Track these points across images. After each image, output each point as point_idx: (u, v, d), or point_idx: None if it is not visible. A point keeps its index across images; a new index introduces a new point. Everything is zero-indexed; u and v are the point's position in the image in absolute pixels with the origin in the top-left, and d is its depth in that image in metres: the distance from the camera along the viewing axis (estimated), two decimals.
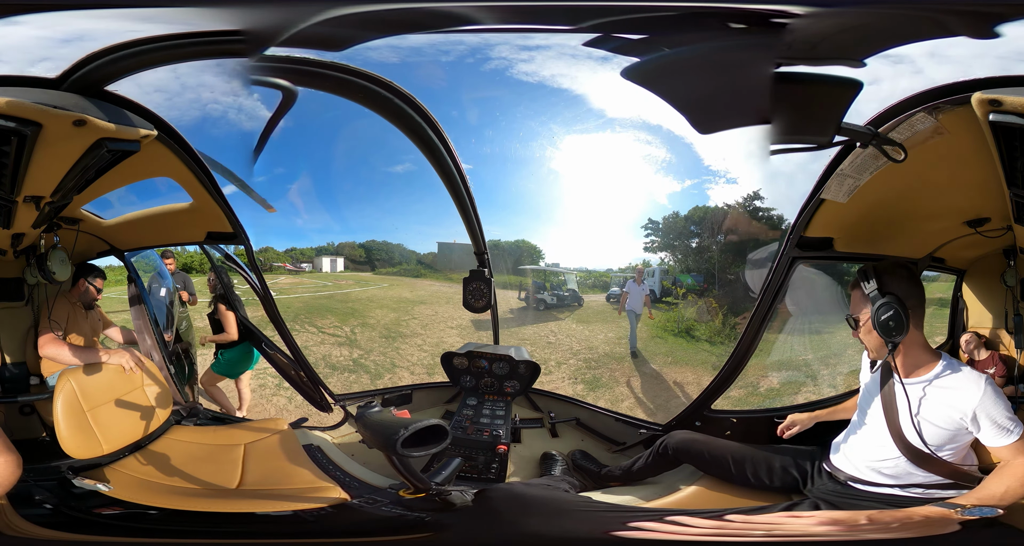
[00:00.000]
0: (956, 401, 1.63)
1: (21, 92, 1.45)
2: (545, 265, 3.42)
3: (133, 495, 1.88)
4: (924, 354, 1.69)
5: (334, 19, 1.65)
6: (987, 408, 1.59)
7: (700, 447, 1.97)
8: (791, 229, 2.05)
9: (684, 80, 1.63)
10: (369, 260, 3.64)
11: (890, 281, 1.65)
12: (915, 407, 1.65)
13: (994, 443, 1.60)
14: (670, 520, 1.61)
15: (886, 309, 1.62)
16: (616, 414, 2.69)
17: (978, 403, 1.59)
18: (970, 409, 1.60)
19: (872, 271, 1.69)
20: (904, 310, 1.62)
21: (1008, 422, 1.59)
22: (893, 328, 1.62)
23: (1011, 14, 1.49)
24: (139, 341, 2.54)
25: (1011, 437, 1.59)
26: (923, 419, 1.65)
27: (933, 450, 1.64)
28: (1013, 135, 1.37)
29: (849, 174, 1.81)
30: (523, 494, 1.79)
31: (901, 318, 1.61)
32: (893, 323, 1.62)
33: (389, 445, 1.53)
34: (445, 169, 2.27)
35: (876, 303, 1.64)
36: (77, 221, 2.23)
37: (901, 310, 1.61)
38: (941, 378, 1.66)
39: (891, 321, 1.62)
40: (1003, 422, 1.59)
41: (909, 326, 1.63)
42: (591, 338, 3.46)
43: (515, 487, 1.88)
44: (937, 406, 1.65)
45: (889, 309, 1.62)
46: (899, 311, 1.61)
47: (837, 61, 1.55)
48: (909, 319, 1.63)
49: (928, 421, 1.65)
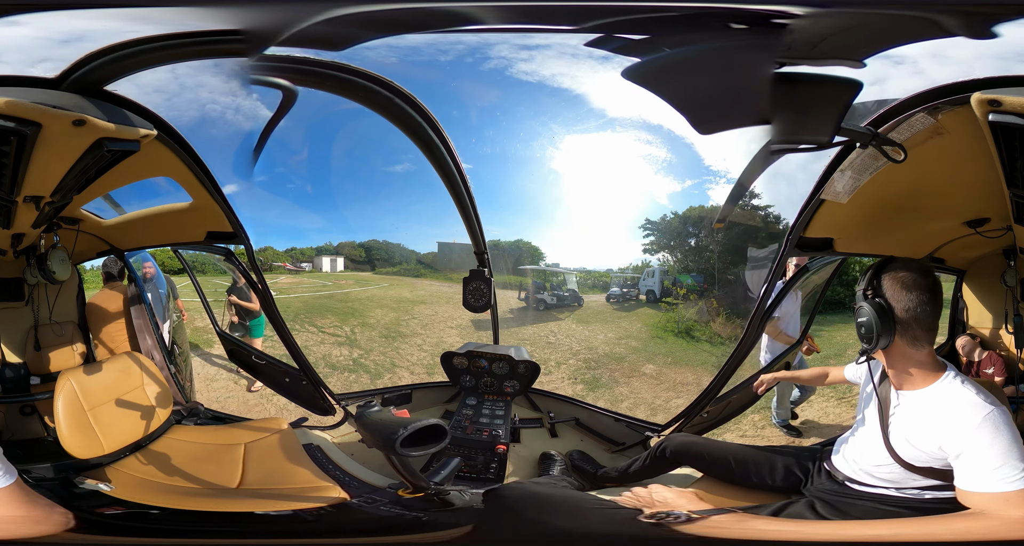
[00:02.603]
0: (941, 428, 1.42)
1: (20, 92, 1.45)
2: (545, 265, 3.42)
3: (134, 495, 1.88)
4: (919, 369, 1.49)
5: (334, 19, 1.65)
6: (977, 445, 1.35)
7: (700, 449, 1.96)
8: (791, 229, 2.05)
9: (685, 80, 1.63)
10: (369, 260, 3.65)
11: (885, 284, 1.46)
12: (902, 420, 1.52)
13: (977, 488, 1.36)
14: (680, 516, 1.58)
15: (860, 314, 1.46)
16: (615, 414, 2.69)
17: (965, 437, 1.37)
18: (953, 442, 1.39)
19: (872, 269, 1.51)
20: (885, 319, 1.42)
21: (1010, 469, 1.33)
22: (864, 336, 1.45)
23: (1010, 14, 1.49)
24: (139, 341, 2.54)
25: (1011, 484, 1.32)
26: (906, 436, 1.50)
27: (924, 465, 1.49)
28: (1013, 135, 1.37)
29: (849, 174, 1.81)
30: (536, 493, 1.78)
31: (874, 327, 1.42)
32: (864, 330, 1.45)
33: (388, 445, 1.53)
34: (445, 169, 2.27)
35: (857, 303, 1.49)
36: (77, 221, 2.23)
37: (877, 318, 1.42)
38: (935, 396, 1.47)
39: (863, 327, 1.45)
40: (994, 464, 1.33)
41: (893, 337, 1.44)
42: (591, 338, 3.46)
43: (527, 486, 1.87)
44: (921, 427, 1.47)
45: (863, 315, 1.45)
46: (874, 319, 1.42)
47: (837, 61, 1.55)
48: (894, 329, 1.43)
49: (909, 441, 1.49)
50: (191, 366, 2.75)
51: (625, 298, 3.32)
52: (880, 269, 1.49)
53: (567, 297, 3.54)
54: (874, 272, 1.50)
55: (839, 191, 1.86)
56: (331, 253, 3.58)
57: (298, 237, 3.23)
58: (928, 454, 1.48)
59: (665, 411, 2.89)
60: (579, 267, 3.41)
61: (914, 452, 1.50)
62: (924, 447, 1.48)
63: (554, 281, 3.56)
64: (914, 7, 1.53)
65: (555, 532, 1.62)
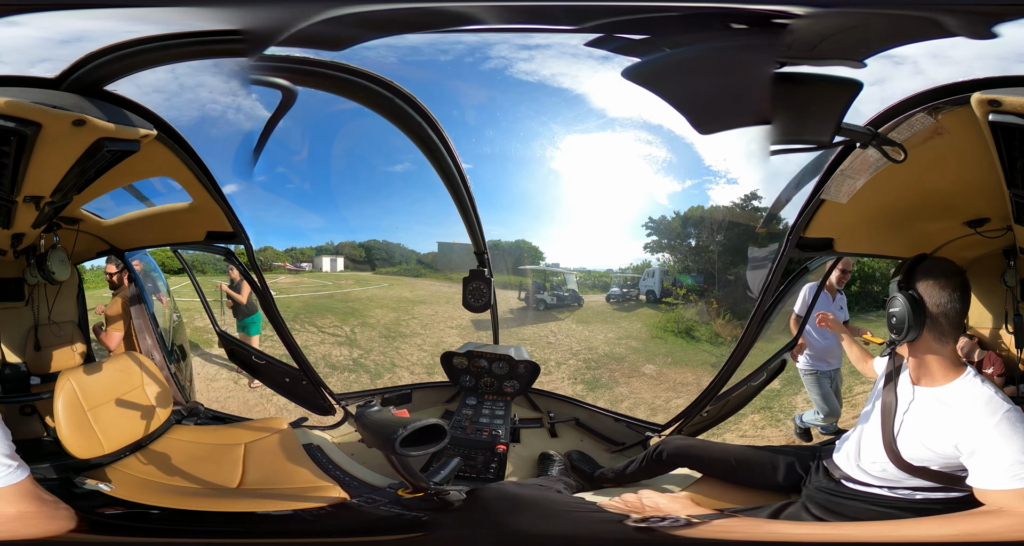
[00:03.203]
0: (958, 424, 1.43)
1: (20, 92, 1.45)
2: (545, 265, 3.42)
3: (134, 495, 1.88)
4: (941, 365, 1.53)
5: (334, 19, 1.65)
6: (995, 442, 1.36)
7: (698, 451, 1.96)
8: (791, 229, 2.05)
9: (685, 80, 1.62)
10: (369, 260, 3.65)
11: (919, 279, 1.52)
12: (916, 416, 1.53)
13: (995, 485, 1.36)
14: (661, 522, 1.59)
15: (893, 305, 1.54)
16: (615, 414, 2.69)
17: (983, 434, 1.38)
18: (969, 439, 1.40)
19: (906, 263, 1.58)
20: (916, 312, 1.49)
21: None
22: (894, 326, 1.53)
23: (1010, 14, 1.49)
24: (139, 341, 2.54)
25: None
26: (918, 434, 1.52)
27: (921, 465, 1.51)
28: (1013, 135, 1.37)
29: (849, 174, 1.80)
30: (513, 494, 1.78)
31: (906, 319, 1.49)
32: (895, 321, 1.52)
33: (388, 444, 1.53)
34: (445, 169, 2.26)
35: (891, 295, 1.56)
36: (77, 221, 2.23)
37: (910, 310, 1.49)
38: (954, 393, 1.49)
39: (894, 317, 1.53)
40: (1010, 460, 1.35)
41: (922, 330, 1.50)
42: (591, 338, 3.46)
43: (506, 486, 1.88)
44: (936, 423, 1.49)
45: (896, 306, 1.53)
46: (907, 311, 1.49)
47: (837, 62, 1.54)
48: (923, 323, 1.49)
49: (920, 439, 1.51)
50: (191, 366, 2.75)
51: (625, 298, 3.32)
52: (916, 263, 1.56)
53: (567, 297, 3.54)
54: (910, 266, 1.56)
55: (839, 191, 1.86)
56: (331, 253, 3.59)
57: (298, 237, 3.24)
58: (938, 453, 1.48)
59: (665, 411, 2.89)
60: (579, 267, 3.41)
61: (922, 451, 1.50)
62: (936, 445, 1.48)
63: (554, 281, 3.56)
64: (914, 7, 1.52)
65: (528, 534, 1.62)
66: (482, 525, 1.68)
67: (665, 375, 3.08)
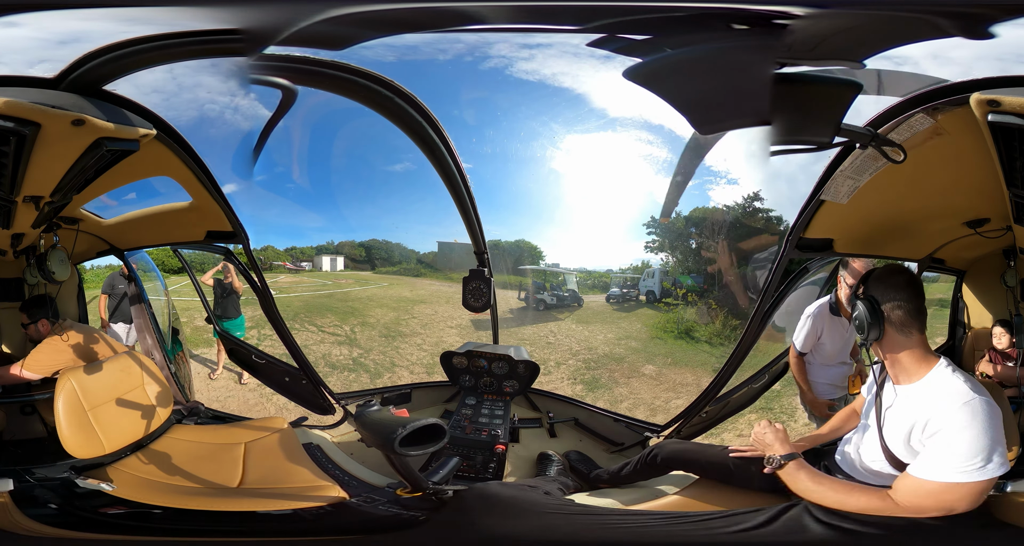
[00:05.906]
0: (924, 414, 1.49)
1: (19, 92, 1.45)
2: (545, 265, 3.42)
3: (135, 494, 1.88)
4: (912, 359, 1.59)
5: (333, 18, 1.65)
6: (948, 429, 1.42)
7: (694, 455, 1.96)
8: (791, 230, 2.05)
9: (686, 81, 1.62)
10: (369, 259, 3.65)
11: (872, 284, 1.64)
12: (896, 417, 1.58)
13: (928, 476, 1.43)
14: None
15: (855, 310, 1.66)
16: (615, 415, 2.69)
17: (940, 421, 1.44)
18: (929, 426, 1.46)
19: (861, 276, 1.70)
20: (872, 312, 1.59)
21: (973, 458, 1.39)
22: (859, 329, 1.63)
23: (1009, 14, 1.48)
24: (140, 341, 2.54)
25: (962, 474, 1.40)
26: (898, 433, 1.56)
27: (909, 462, 1.53)
28: (1012, 135, 1.37)
29: (849, 175, 1.80)
30: (493, 494, 1.78)
31: (865, 320, 1.60)
32: (859, 325, 1.64)
33: (387, 444, 1.53)
34: (445, 168, 2.26)
35: (851, 303, 1.69)
36: (77, 221, 2.23)
37: (868, 312, 1.60)
38: (926, 386, 1.55)
39: (857, 321, 1.64)
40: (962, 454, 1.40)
41: (883, 326, 1.59)
42: (591, 339, 3.46)
43: (489, 487, 1.87)
44: (910, 420, 1.54)
45: (856, 310, 1.64)
46: (865, 314, 1.60)
47: (837, 62, 1.54)
48: (882, 319, 1.59)
49: (901, 437, 1.56)
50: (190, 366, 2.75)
51: (625, 298, 3.32)
52: (867, 275, 1.70)
53: (567, 297, 3.54)
54: (862, 278, 1.70)
55: (839, 192, 1.86)
56: (331, 252, 3.59)
57: (298, 236, 3.24)
58: (917, 449, 1.52)
59: (664, 412, 2.89)
60: (579, 267, 3.41)
61: (905, 448, 1.54)
62: (914, 442, 1.53)
63: (554, 281, 3.56)
64: (914, 7, 1.52)
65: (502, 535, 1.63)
66: (460, 526, 1.69)
67: (665, 375, 3.08)
